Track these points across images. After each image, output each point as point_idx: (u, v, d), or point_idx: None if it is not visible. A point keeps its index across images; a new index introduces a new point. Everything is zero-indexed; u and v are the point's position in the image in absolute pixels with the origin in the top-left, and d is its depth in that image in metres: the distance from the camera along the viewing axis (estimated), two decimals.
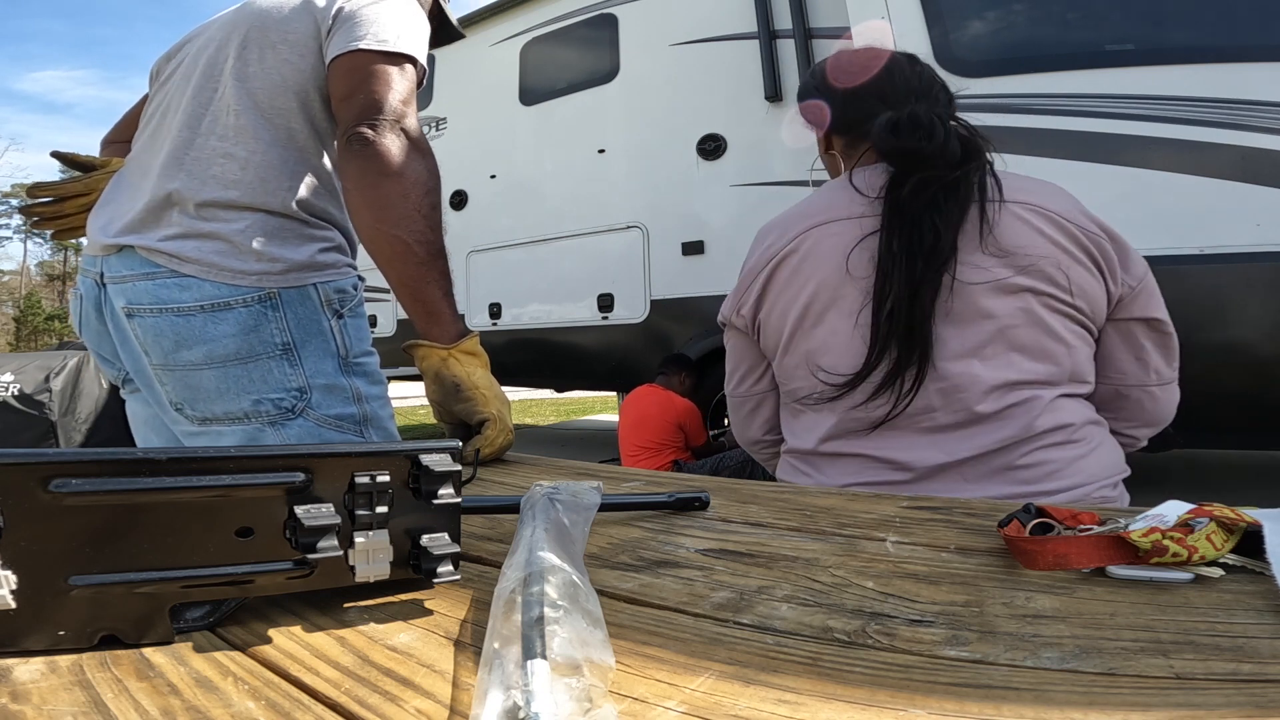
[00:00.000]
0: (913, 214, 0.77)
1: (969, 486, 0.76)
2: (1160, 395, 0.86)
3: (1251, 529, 0.37)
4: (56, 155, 1.07)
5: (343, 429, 0.89)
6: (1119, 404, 0.85)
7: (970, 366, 0.77)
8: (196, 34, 0.98)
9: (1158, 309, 0.82)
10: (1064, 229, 0.78)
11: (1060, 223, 0.78)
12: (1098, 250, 0.78)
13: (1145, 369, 0.84)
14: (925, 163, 0.78)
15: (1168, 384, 0.86)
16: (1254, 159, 2.09)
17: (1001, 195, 0.79)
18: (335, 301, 0.91)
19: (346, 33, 0.86)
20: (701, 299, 3.41)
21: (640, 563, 0.42)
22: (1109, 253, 0.79)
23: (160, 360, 0.86)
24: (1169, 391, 0.87)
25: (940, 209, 0.77)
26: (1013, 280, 0.77)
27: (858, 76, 0.90)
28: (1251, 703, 0.24)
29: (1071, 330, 0.79)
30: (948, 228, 0.76)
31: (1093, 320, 0.80)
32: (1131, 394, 0.85)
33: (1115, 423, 0.86)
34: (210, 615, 0.33)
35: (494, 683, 0.23)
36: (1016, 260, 0.77)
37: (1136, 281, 0.81)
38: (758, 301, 0.88)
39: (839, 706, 0.25)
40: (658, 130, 3.65)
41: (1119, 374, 0.84)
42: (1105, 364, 0.84)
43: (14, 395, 3.01)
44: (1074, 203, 0.81)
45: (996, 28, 2.61)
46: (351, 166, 0.83)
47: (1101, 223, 0.80)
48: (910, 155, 0.78)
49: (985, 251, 0.77)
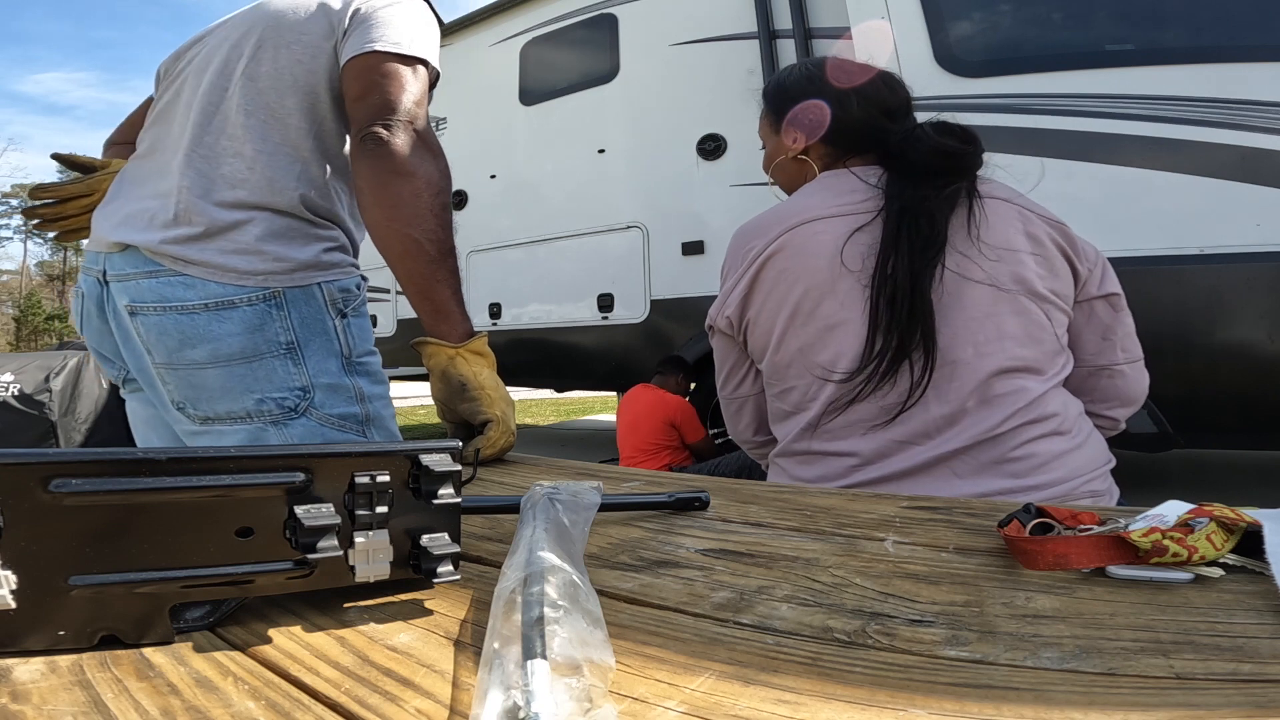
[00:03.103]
0: (916, 208, 0.81)
1: (959, 481, 0.77)
2: (1130, 373, 0.90)
3: (1251, 529, 0.37)
4: (56, 157, 1.07)
5: (345, 428, 0.90)
6: (1092, 385, 0.90)
7: (963, 354, 0.79)
8: (207, 34, 0.98)
9: (1114, 285, 0.88)
10: (1033, 222, 0.84)
11: (1028, 216, 0.84)
12: (1062, 238, 0.85)
13: (1112, 347, 0.89)
14: (961, 167, 0.83)
15: (1135, 362, 0.91)
16: (1254, 159, 2.09)
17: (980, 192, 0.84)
18: (339, 301, 0.91)
19: (361, 34, 0.87)
20: (701, 299, 3.41)
21: (640, 563, 0.42)
22: (1071, 238, 0.86)
23: (164, 359, 0.86)
24: (1137, 370, 0.91)
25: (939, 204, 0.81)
26: (996, 269, 0.81)
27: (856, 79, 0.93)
28: (1251, 703, 0.24)
29: (1052, 317, 0.83)
30: (943, 219, 0.81)
31: (1066, 304, 0.85)
32: (1102, 374, 0.89)
33: (1092, 405, 0.89)
34: (210, 615, 0.33)
35: (494, 683, 0.23)
36: (998, 251, 0.81)
37: (1093, 263, 0.87)
38: (743, 303, 0.89)
39: (839, 706, 0.24)
40: (658, 130, 3.65)
41: (1088, 354, 0.89)
42: (1075, 346, 0.89)
43: (14, 395, 3.01)
44: (1029, 199, 0.88)
45: (996, 28, 2.61)
46: (365, 165, 0.83)
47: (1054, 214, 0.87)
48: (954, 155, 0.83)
49: (971, 243, 0.81)
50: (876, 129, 0.90)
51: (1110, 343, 0.88)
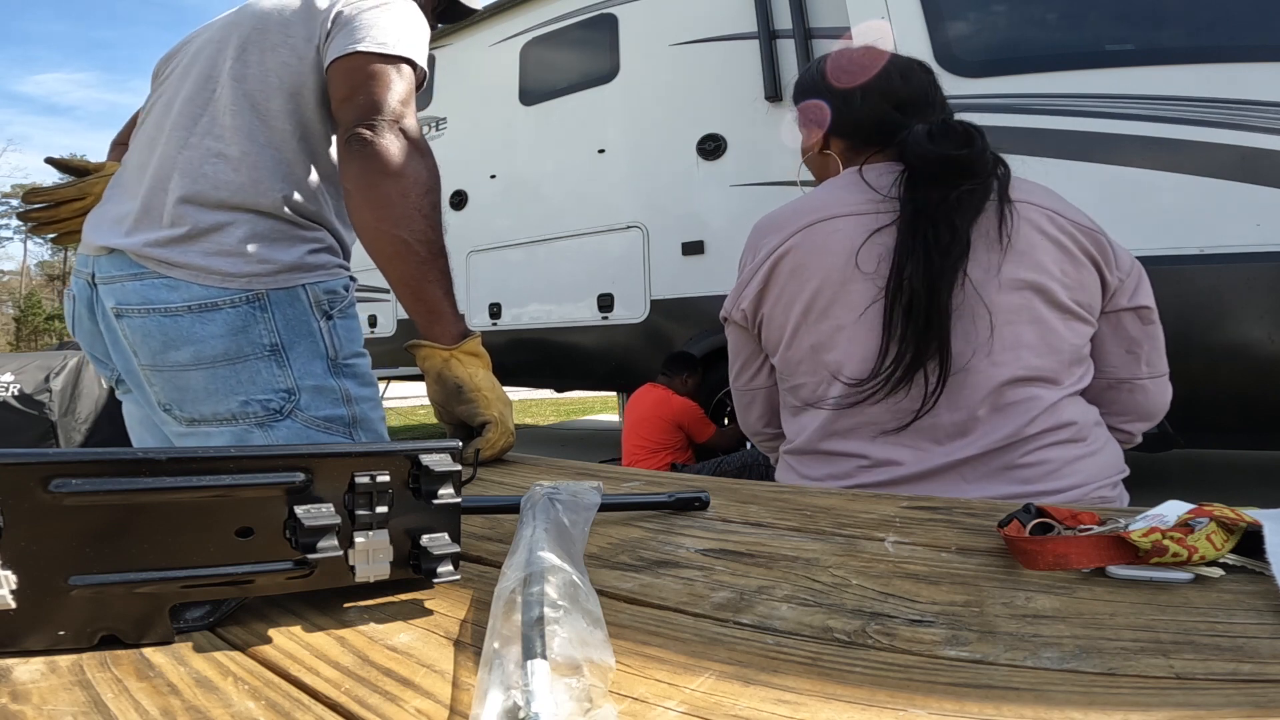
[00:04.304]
0: (932, 213, 0.78)
1: (968, 486, 0.76)
2: (1152, 388, 0.87)
3: (1251, 529, 0.37)
4: (50, 161, 1.07)
5: (331, 431, 0.89)
6: (1111, 397, 0.87)
7: (977, 363, 0.77)
8: (196, 35, 0.98)
9: (1146, 297, 0.85)
10: (1063, 228, 0.80)
11: (1059, 221, 0.81)
12: (1094, 245, 0.81)
13: (1136, 361, 0.86)
14: (965, 171, 0.79)
15: (1159, 377, 0.88)
16: (1254, 159, 2.09)
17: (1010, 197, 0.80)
18: (325, 303, 0.91)
19: (346, 35, 0.86)
20: (701, 299, 3.41)
21: (640, 563, 0.42)
22: (1104, 246, 0.82)
23: (148, 361, 0.85)
24: (1160, 385, 0.88)
25: (959, 208, 0.78)
26: (1018, 277, 0.78)
27: (859, 77, 0.90)
28: (1251, 703, 0.24)
29: (1071, 328, 0.80)
30: (965, 226, 0.78)
31: (1091, 315, 0.82)
32: (1123, 387, 0.86)
33: (1109, 417, 0.87)
34: (210, 615, 0.33)
35: (494, 683, 0.23)
36: (1021, 259, 0.78)
37: (1125, 273, 0.84)
38: (759, 297, 0.88)
39: (839, 706, 0.24)
40: (658, 130, 3.64)
41: (1110, 367, 0.86)
42: (1097, 357, 0.86)
43: (14, 395, 3.01)
44: (1066, 202, 0.84)
45: (997, 27, 2.61)
46: (351, 167, 0.83)
47: (1092, 219, 0.83)
48: (950, 162, 0.79)
49: (994, 250, 0.78)
50: (888, 122, 0.87)
51: (1135, 356, 0.85)
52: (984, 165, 0.80)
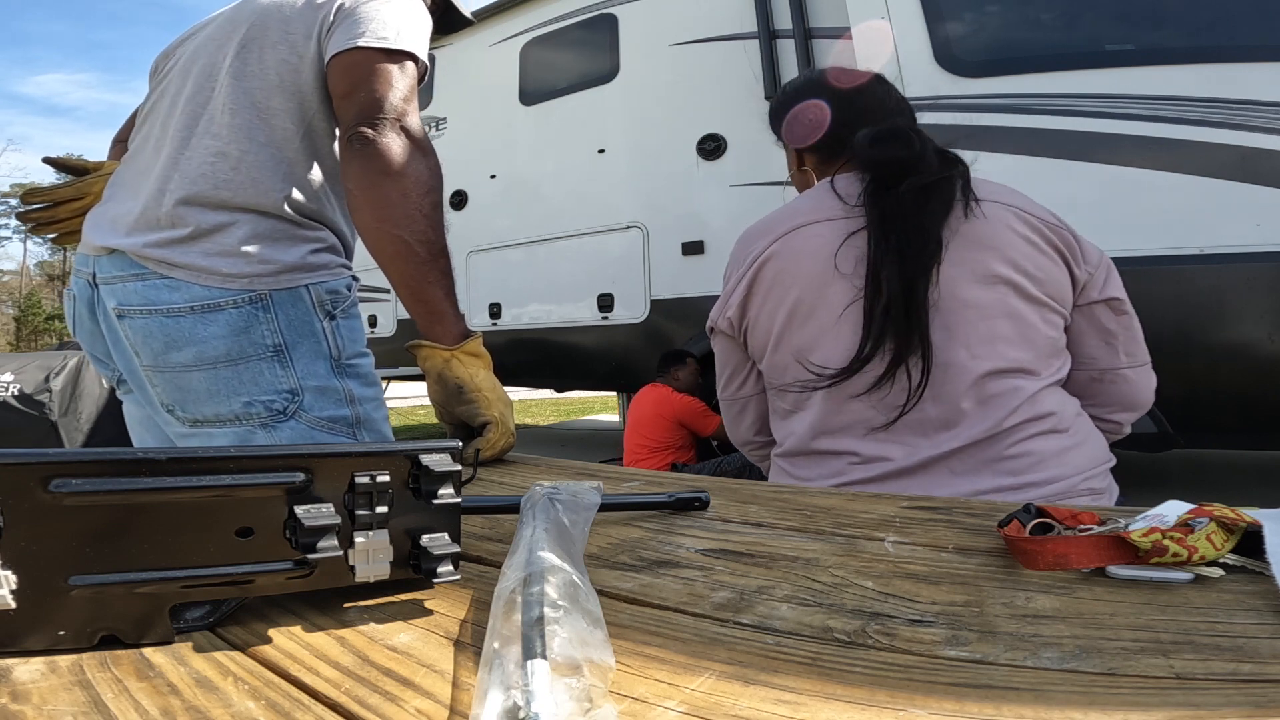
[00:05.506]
0: (899, 216, 0.81)
1: (956, 479, 0.78)
2: (1134, 378, 0.90)
3: (1251, 529, 0.37)
4: (49, 161, 1.07)
5: (335, 431, 0.89)
6: (1096, 389, 0.89)
7: (956, 356, 0.80)
8: (195, 31, 0.97)
9: (1116, 289, 0.87)
10: (1031, 225, 0.84)
11: (1027, 219, 0.84)
12: (1061, 241, 0.84)
13: (1115, 352, 0.88)
14: (906, 170, 0.83)
15: (1140, 366, 0.90)
16: (1254, 159, 2.09)
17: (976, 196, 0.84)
18: (328, 303, 0.91)
19: (346, 30, 0.86)
20: (701, 299, 3.41)
21: (640, 563, 0.42)
22: (1071, 241, 0.85)
23: (150, 361, 0.85)
24: (1143, 374, 0.91)
25: (925, 209, 0.81)
26: (991, 272, 0.81)
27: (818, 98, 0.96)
28: (1251, 703, 0.24)
29: (1046, 320, 0.83)
30: (935, 226, 0.81)
31: (1063, 308, 0.85)
32: (1105, 378, 0.89)
33: (1097, 409, 0.89)
34: (210, 615, 0.33)
35: (494, 683, 0.23)
36: (993, 255, 0.81)
37: (1094, 267, 0.86)
38: (743, 304, 0.91)
39: (839, 706, 0.24)
40: (657, 130, 3.64)
41: (1090, 359, 0.89)
42: (1076, 351, 0.88)
43: (14, 395, 3.00)
44: (1031, 200, 0.87)
45: (996, 27, 2.60)
46: (353, 166, 0.83)
47: (1058, 216, 0.87)
48: (891, 164, 0.84)
49: (966, 247, 0.81)
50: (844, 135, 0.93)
51: (1113, 347, 0.88)
52: (926, 164, 0.83)
